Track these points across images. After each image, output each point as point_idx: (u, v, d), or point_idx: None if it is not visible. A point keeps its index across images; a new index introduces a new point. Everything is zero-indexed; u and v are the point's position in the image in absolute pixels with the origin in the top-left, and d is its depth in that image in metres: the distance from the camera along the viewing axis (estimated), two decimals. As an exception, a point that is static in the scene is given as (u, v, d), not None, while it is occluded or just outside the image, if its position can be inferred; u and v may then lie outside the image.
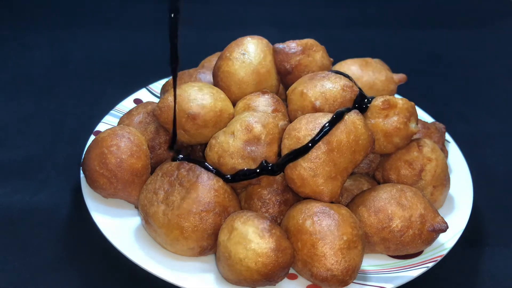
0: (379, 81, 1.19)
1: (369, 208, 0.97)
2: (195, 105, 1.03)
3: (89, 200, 1.03)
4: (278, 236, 0.88)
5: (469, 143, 1.33)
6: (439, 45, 1.88)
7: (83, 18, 1.85)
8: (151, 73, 1.41)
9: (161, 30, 1.80)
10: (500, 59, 1.82)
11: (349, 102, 1.04)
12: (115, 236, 0.97)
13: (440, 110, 1.45)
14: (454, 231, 1.03)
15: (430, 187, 1.06)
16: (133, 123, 1.13)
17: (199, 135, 1.05)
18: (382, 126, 1.04)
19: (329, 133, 0.94)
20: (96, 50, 1.69)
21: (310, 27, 1.90)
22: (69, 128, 1.35)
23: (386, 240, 0.96)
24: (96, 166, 1.01)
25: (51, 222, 1.09)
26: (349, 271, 0.89)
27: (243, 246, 0.87)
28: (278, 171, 0.97)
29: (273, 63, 1.14)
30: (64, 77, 1.56)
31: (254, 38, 1.15)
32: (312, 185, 0.94)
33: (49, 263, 1.01)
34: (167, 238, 0.94)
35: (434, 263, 0.97)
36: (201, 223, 0.93)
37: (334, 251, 0.88)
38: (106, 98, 1.39)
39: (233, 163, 0.97)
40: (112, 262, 1.00)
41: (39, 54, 1.64)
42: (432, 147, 1.08)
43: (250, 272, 0.87)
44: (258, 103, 1.08)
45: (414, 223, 0.96)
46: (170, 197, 0.95)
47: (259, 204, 1.01)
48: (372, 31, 1.93)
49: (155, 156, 1.10)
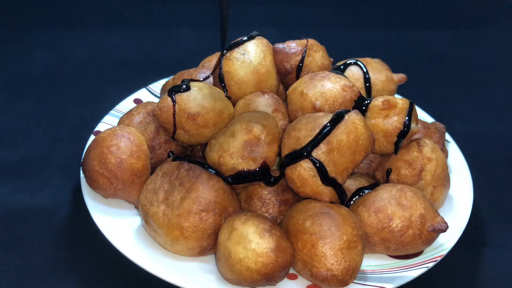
0: (379, 81, 1.19)
1: (369, 208, 0.97)
2: (195, 105, 1.03)
3: (89, 200, 1.03)
4: (278, 236, 0.88)
5: (469, 143, 1.32)
6: (439, 45, 1.88)
7: (83, 18, 1.86)
8: (151, 73, 1.41)
9: (161, 30, 1.82)
10: (500, 59, 1.82)
11: (349, 102, 1.04)
12: (115, 237, 0.97)
13: (440, 110, 1.44)
14: (454, 231, 1.03)
15: (430, 187, 1.06)
16: (133, 123, 1.13)
17: (199, 135, 1.05)
18: (382, 126, 1.04)
19: (330, 133, 0.94)
20: (96, 50, 1.69)
21: (310, 27, 1.90)
22: (69, 127, 1.35)
23: (386, 240, 0.96)
24: (96, 166, 1.01)
25: (51, 222, 1.09)
26: (349, 271, 0.89)
27: (243, 246, 0.87)
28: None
29: (273, 63, 1.14)
30: (64, 77, 1.56)
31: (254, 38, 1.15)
32: (312, 185, 0.94)
33: (50, 263, 1.01)
34: (167, 238, 0.94)
35: (434, 263, 0.97)
36: (201, 223, 0.93)
37: (334, 251, 0.88)
38: (105, 98, 1.39)
39: (233, 163, 0.97)
40: (112, 262, 1.00)
41: (39, 54, 1.64)
42: (432, 147, 1.08)
43: (250, 272, 0.87)
44: (258, 103, 1.08)
45: (414, 223, 0.96)
46: (170, 197, 0.95)
47: (259, 204, 1.00)
48: (372, 31, 1.93)
49: (155, 156, 1.10)
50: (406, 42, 1.87)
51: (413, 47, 1.85)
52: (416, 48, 1.85)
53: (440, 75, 1.71)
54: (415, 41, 1.88)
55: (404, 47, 1.85)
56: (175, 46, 1.76)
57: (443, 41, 1.90)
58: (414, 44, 1.87)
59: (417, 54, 1.82)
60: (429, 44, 1.88)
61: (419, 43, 1.87)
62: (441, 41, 1.90)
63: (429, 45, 1.87)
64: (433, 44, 1.88)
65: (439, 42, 1.89)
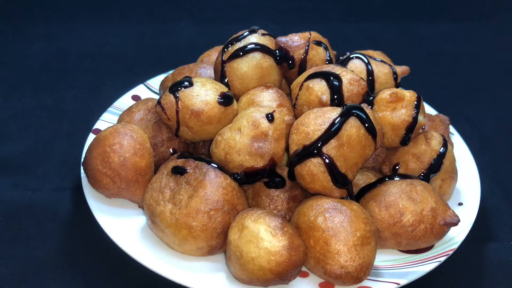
0: (382, 74, 1.17)
1: (379, 203, 0.96)
2: (198, 101, 1.00)
3: (91, 201, 1.00)
4: (290, 233, 0.86)
5: (473, 138, 1.31)
6: (440, 39, 1.87)
7: (82, 12, 1.82)
8: (149, 67, 1.39)
9: (160, 24, 1.79)
10: (503, 54, 1.81)
11: (356, 96, 1.02)
12: (122, 238, 0.94)
13: (442, 104, 1.43)
14: (464, 224, 1.02)
15: (439, 180, 1.05)
16: (134, 120, 1.10)
17: (203, 131, 1.02)
18: (390, 119, 1.02)
19: (340, 128, 0.92)
20: (94, 43, 1.67)
21: (311, 21, 1.88)
22: (66, 122, 1.33)
23: (398, 235, 0.95)
24: (99, 165, 0.98)
25: (54, 217, 1.07)
26: (363, 268, 0.87)
27: (255, 245, 0.85)
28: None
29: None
30: (62, 71, 1.53)
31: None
32: (322, 181, 0.92)
33: (53, 257, 0.99)
34: (175, 238, 0.92)
35: (446, 257, 0.96)
36: (210, 222, 0.90)
37: (348, 247, 0.87)
38: (104, 92, 1.38)
39: (240, 160, 0.95)
40: (116, 262, 0.98)
41: (37, 47, 1.61)
42: (439, 139, 1.07)
43: (263, 271, 0.85)
44: (262, 98, 1.06)
45: (425, 217, 0.95)
46: (177, 196, 0.92)
47: (267, 201, 0.99)
48: (374, 24, 1.91)
49: (157, 154, 1.07)
50: (408, 36, 1.86)
51: (415, 41, 1.84)
52: (417, 41, 1.84)
53: (442, 69, 1.70)
54: (417, 35, 1.87)
55: (406, 40, 1.84)
56: (174, 40, 1.73)
57: (446, 35, 1.89)
58: (416, 38, 1.85)
59: (419, 47, 1.81)
60: (431, 38, 1.86)
61: (421, 37, 1.86)
62: (443, 35, 1.89)
63: (431, 39, 1.86)
64: (435, 38, 1.87)
65: (441, 36, 1.88)
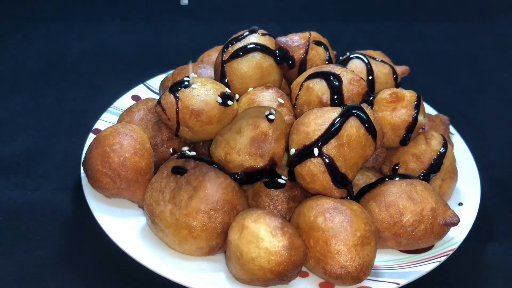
0: (382, 74, 1.17)
1: (379, 203, 0.96)
2: (198, 101, 1.00)
3: (91, 201, 1.00)
4: (290, 234, 0.86)
5: (473, 138, 1.31)
6: (440, 39, 1.87)
7: (82, 12, 1.83)
8: (149, 67, 1.39)
9: (159, 24, 1.79)
10: (503, 54, 1.81)
11: (356, 96, 1.02)
12: (122, 238, 0.94)
13: (442, 104, 1.43)
14: (464, 224, 1.02)
15: (439, 180, 1.05)
16: (134, 120, 1.10)
17: (203, 131, 1.02)
18: (390, 119, 1.02)
19: (340, 128, 0.92)
20: (93, 43, 1.67)
21: (310, 21, 1.88)
22: (66, 122, 1.33)
23: (398, 235, 0.95)
24: (99, 165, 0.98)
25: (54, 217, 1.07)
26: (363, 268, 0.87)
27: (255, 245, 0.85)
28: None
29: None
30: (62, 71, 1.53)
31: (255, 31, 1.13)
32: (322, 181, 0.92)
33: (53, 257, 0.99)
34: (175, 238, 0.92)
35: (446, 257, 0.96)
36: (210, 222, 0.90)
37: (348, 247, 0.87)
38: (103, 92, 1.38)
39: (240, 160, 0.95)
40: (116, 263, 0.98)
41: (37, 47, 1.61)
42: (439, 139, 1.07)
43: (263, 271, 0.85)
44: (263, 97, 1.06)
45: (425, 217, 0.95)
46: (177, 196, 0.92)
47: (267, 201, 0.99)
48: (374, 24, 1.91)
49: (157, 154, 1.07)
50: (408, 36, 1.86)
51: (414, 41, 1.84)
52: (417, 41, 1.84)
53: (441, 69, 1.70)
54: (416, 35, 1.87)
55: (405, 40, 1.84)
56: (173, 40, 1.73)
57: (445, 35, 1.89)
58: (416, 38, 1.85)
59: (419, 47, 1.80)
60: (431, 37, 1.86)
61: (420, 37, 1.86)
62: (442, 35, 1.89)
63: (430, 39, 1.86)
64: (435, 37, 1.87)
65: (440, 37, 1.88)
